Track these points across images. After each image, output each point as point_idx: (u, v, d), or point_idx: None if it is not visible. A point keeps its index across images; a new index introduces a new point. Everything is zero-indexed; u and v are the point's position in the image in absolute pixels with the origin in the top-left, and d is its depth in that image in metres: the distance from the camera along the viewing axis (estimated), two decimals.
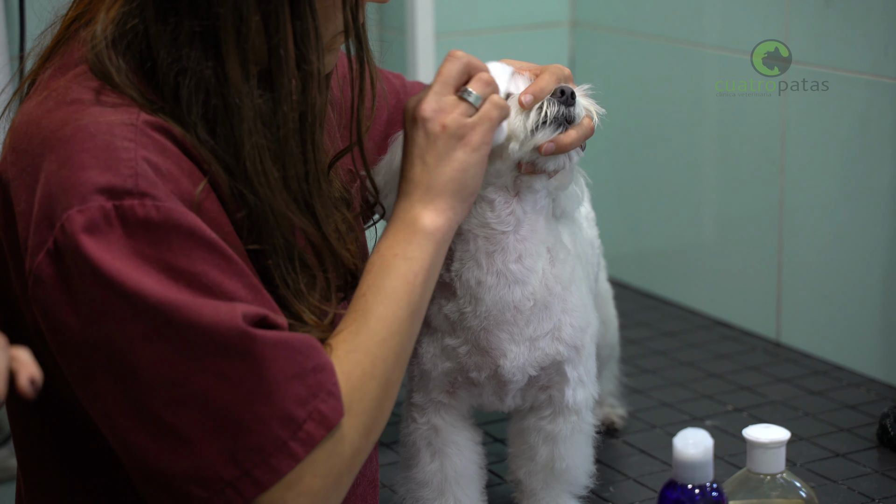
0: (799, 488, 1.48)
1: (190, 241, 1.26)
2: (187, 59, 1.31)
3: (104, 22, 1.34)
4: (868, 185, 2.32)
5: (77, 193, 1.24)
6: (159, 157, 1.28)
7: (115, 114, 1.29)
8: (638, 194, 2.77)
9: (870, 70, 2.27)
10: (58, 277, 1.25)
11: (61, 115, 1.30)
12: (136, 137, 1.27)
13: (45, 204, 1.26)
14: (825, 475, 1.97)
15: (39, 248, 1.26)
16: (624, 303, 2.26)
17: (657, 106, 2.74)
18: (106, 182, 1.24)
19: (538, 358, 1.68)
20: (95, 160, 1.25)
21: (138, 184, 1.25)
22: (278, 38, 1.33)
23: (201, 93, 1.32)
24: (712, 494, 1.31)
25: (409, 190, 1.47)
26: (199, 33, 1.31)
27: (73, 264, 1.24)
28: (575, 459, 1.75)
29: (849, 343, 2.38)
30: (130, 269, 1.23)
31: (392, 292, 1.42)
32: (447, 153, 1.46)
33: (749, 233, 2.57)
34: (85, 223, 1.23)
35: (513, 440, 1.79)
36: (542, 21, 2.89)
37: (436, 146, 1.45)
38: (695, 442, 1.31)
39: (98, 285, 1.23)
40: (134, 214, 1.24)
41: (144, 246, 1.24)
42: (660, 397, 2.28)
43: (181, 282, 1.25)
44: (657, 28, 2.71)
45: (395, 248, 1.44)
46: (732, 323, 2.61)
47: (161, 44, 1.32)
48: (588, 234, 1.88)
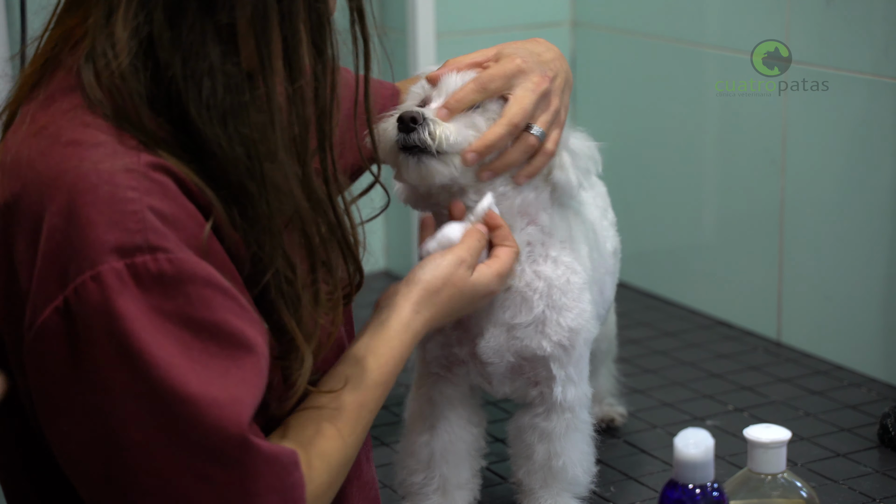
0: (800, 488, 1.48)
1: (206, 289, 1.24)
2: (208, 59, 1.28)
3: (103, 44, 1.29)
4: (868, 185, 2.32)
5: (87, 256, 1.21)
6: (164, 202, 1.25)
7: (116, 158, 1.25)
8: (638, 194, 2.77)
9: (870, 70, 2.27)
10: (64, 338, 1.23)
11: (57, 160, 1.26)
12: (139, 185, 1.24)
13: (51, 260, 1.23)
14: (826, 475, 1.97)
15: (45, 304, 1.23)
16: (624, 303, 2.26)
17: (657, 106, 2.74)
18: (115, 241, 1.21)
19: (517, 347, 1.70)
20: (101, 215, 1.22)
21: (148, 238, 1.22)
22: (295, 25, 1.32)
23: (228, 92, 1.28)
24: (713, 494, 1.31)
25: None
26: (216, 30, 1.28)
27: (85, 329, 1.22)
28: (572, 457, 1.76)
29: (849, 343, 2.38)
30: (148, 331, 1.21)
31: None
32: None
33: (749, 233, 2.57)
34: (99, 288, 1.21)
35: (512, 440, 1.81)
36: (542, 21, 2.89)
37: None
38: (696, 442, 1.31)
39: (111, 354, 1.21)
40: (147, 270, 1.22)
41: (162, 301, 1.22)
42: (660, 397, 2.28)
43: (203, 335, 1.23)
44: (657, 28, 2.71)
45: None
46: (733, 323, 2.61)
47: (175, 50, 1.28)
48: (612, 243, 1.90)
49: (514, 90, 1.66)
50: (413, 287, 1.56)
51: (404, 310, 1.54)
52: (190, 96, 1.28)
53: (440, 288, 1.57)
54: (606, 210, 1.94)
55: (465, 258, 1.60)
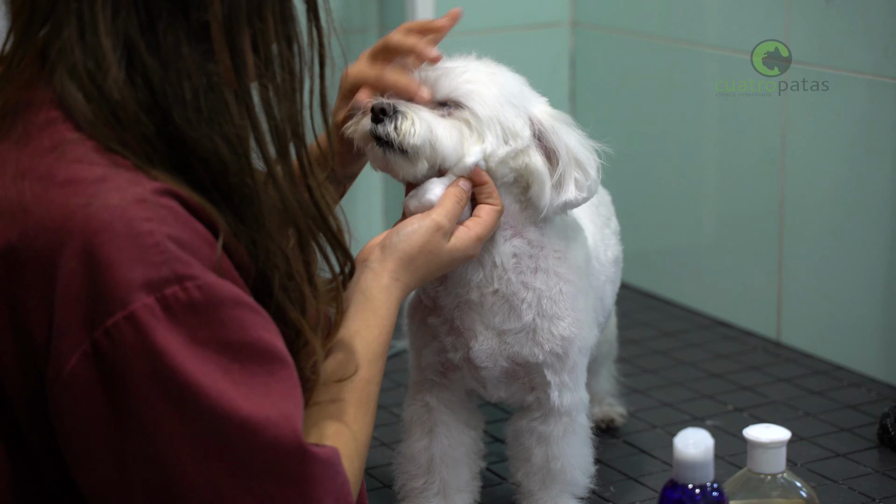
0: (799, 488, 1.48)
1: (237, 310, 1.24)
2: (186, 61, 1.26)
3: (84, 61, 1.25)
4: (868, 185, 2.32)
5: (116, 297, 1.19)
6: (178, 228, 1.22)
7: (122, 191, 1.22)
8: (638, 194, 2.77)
9: (870, 70, 2.27)
10: (99, 384, 1.20)
11: (58, 202, 1.21)
12: (153, 214, 1.21)
13: (73, 306, 1.20)
14: (826, 475, 1.97)
15: (71, 352, 1.20)
16: (624, 303, 2.26)
17: (657, 106, 2.74)
18: (142, 277, 1.19)
19: (509, 352, 1.70)
20: (122, 253, 1.19)
21: (174, 268, 1.20)
22: (264, 18, 1.31)
23: (210, 92, 1.27)
24: (713, 494, 1.31)
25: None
26: (191, 30, 1.27)
27: (123, 372, 1.19)
28: (570, 459, 1.76)
29: (849, 343, 2.38)
30: (191, 362, 1.20)
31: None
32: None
33: (749, 233, 2.57)
34: (134, 328, 1.19)
35: (510, 443, 1.81)
36: (542, 21, 2.89)
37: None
38: (695, 442, 1.31)
39: (156, 393, 1.19)
40: (178, 301, 1.20)
41: (197, 329, 1.21)
42: (660, 397, 2.28)
43: (241, 356, 1.23)
44: (657, 28, 2.71)
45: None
46: (733, 323, 2.61)
47: (153, 56, 1.26)
48: (613, 251, 1.89)
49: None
50: (389, 255, 1.55)
51: (383, 279, 1.54)
52: (172, 101, 1.26)
53: (416, 256, 1.56)
54: (610, 219, 1.93)
55: (442, 224, 1.58)
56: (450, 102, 1.64)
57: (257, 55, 1.31)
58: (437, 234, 1.58)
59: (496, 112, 1.63)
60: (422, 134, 1.60)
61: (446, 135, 1.62)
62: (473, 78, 1.65)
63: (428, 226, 1.58)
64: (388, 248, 1.56)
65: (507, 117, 1.64)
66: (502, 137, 1.64)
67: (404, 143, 1.60)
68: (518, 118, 1.64)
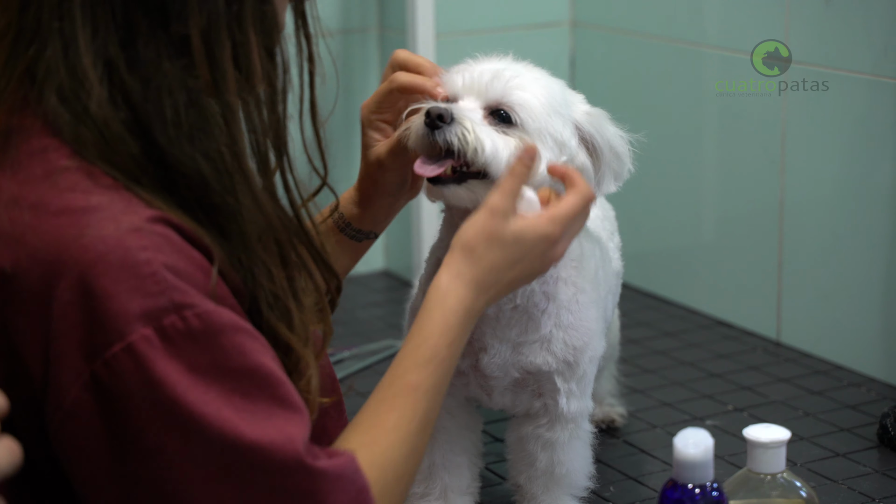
0: (799, 488, 1.48)
1: (236, 336, 1.23)
2: (166, 76, 1.24)
3: (69, 81, 1.23)
4: (868, 185, 2.32)
5: (113, 329, 1.18)
6: (174, 256, 1.21)
7: (117, 220, 1.21)
8: (638, 194, 2.77)
9: (870, 70, 2.27)
10: (100, 415, 1.20)
11: (53, 233, 1.20)
12: (148, 243, 1.20)
13: (70, 338, 1.19)
14: (825, 475, 1.97)
15: (72, 383, 1.19)
16: (624, 302, 2.26)
17: (657, 106, 2.74)
18: (139, 308, 1.18)
19: (522, 362, 1.69)
20: (119, 284, 1.18)
21: (172, 298, 1.19)
22: (245, 30, 1.29)
23: (191, 107, 1.26)
24: (713, 494, 1.31)
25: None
26: (171, 44, 1.25)
27: (123, 402, 1.19)
28: (574, 464, 1.76)
29: (849, 343, 2.38)
30: (192, 391, 1.19)
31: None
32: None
33: (749, 233, 2.57)
34: (133, 359, 1.18)
35: (512, 447, 1.80)
36: (542, 21, 2.89)
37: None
38: (695, 442, 1.31)
39: (157, 422, 1.19)
40: (176, 330, 1.19)
41: (196, 357, 1.20)
42: (660, 397, 2.28)
43: (243, 382, 1.22)
44: (657, 28, 2.71)
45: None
46: (733, 323, 2.61)
47: (133, 72, 1.24)
48: (616, 265, 1.89)
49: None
50: (449, 253, 1.48)
51: (441, 278, 1.46)
52: (154, 118, 1.25)
53: (474, 245, 1.46)
54: (613, 234, 1.94)
55: (496, 205, 1.47)
56: (501, 109, 1.61)
57: (238, 68, 1.29)
58: (495, 216, 1.47)
59: (545, 124, 1.61)
60: (492, 144, 1.57)
61: (507, 156, 1.58)
62: (522, 84, 1.62)
63: (482, 212, 1.48)
64: (449, 247, 1.49)
65: (556, 128, 1.62)
66: (552, 149, 1.62)
67: (476, 159, 1.56)
68: (565, 127, 1.63)
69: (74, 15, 1.24)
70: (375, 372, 2.38)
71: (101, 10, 1.24)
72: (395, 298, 2.69)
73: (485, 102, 1.62)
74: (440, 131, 1.57)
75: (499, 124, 1.61)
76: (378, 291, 2.80)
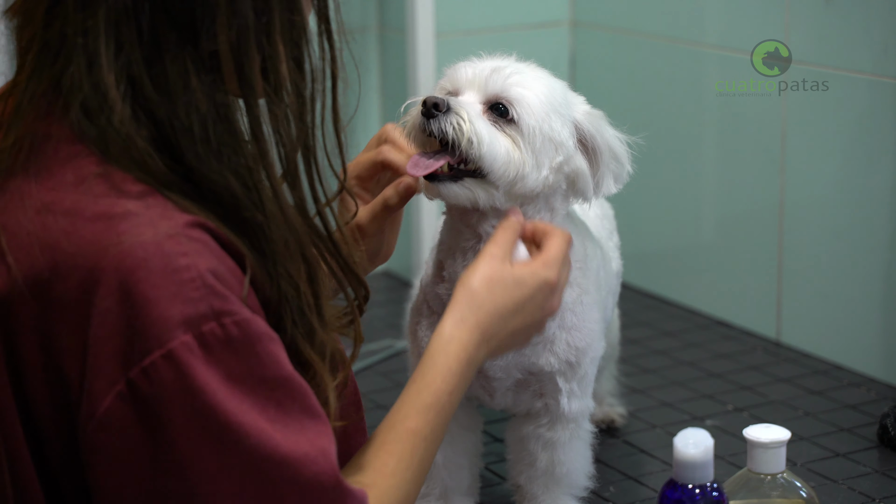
0: (799, 488, 1.48)
1: (272, 345, 1.22)
2: (193, 93, 1.23)
3: (93, 97, 1.22)
4: (868, 185, 2.32)
5: (153, 336, 1.17)
6: (212, 261, 1.20)
7: (154, 226, 1.19)
8: (638, 194, 2.76)
9: (870, 70, 2.27)
10: (135, 424, 1.18)
11: (89, 238, 1.19)
12: (188, 249, 1.19)
13: (108, 344, 1.18)
14: (825, 475, 1.97)
15: (106, 391, 1.18)
16: (624, 302, 2.26)
17: (657, 106, 2.74)
18: (180, 314, 1.17)
19: (524, 363, 1.69)
20: (159, 290, 1.17)
21: (212, 304, 1.18)
22: (274, 41, 1.27)
23: (219, 124, 1.24)
24: (713, 494, 1.31)
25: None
26: (199, 60, 1.24)
27: (161, 411, 1.17)
28: (574, 464, 1.76)
29: (849, 343, 2.38)
30: (230, 400, 1.18)
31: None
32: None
33: (749, 233, 2.57)
34: (173, 366, 1.17)
35: (512, 447, 1.80)
36: (542, 21, 2.89)
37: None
38: (695, 442, 1.31)
39: (195, 431, 1.18)
40: (215, 337, 1.18)
41: (234, 365, 1.19)
42: (660, 397, 2.28)
43: (278, 392, 1.21)
44: (657, 28, 2.71)
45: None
46: (733, 322, 2.61)
47: (159, 89, 1.23)
48: (615, 265, 1.89)
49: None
50: (452, 300, 1.49)
51: (445, 324, 1.47)
52: (181, 135, 1.23)
53: (476, 289, 1.48)
54: (613, 233, 1.94)
55: (493, 252, 1.50)
56: (500, 104, 1.61)
57: (267, 80, 1.28)
58: (495, 260, 1.50)
59: (543, 122, 1.61)
60: (490, 138, 1.57)
61: (503, 152, 1.59)
62: (522, 81, 1.62)
63: (481, 260, 1.50)
64: (451, 298, 1.50)
65: (554, 127, 1.62)
66: (548, 149, 1.62)
67: (471, 151, 1.56)
68: (564, 128, 1.63)
69: (98, 31, 1.22)
70: (375, 372, 2.38)
71: (125, 26, 1.22)
72: (395, 298, 2.69)
73: (484, 97, 1.62)
74: (435, 120, 1.56)
75: (497, 120, 1.60)
76: (378, 291, 2.80)
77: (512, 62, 1.66)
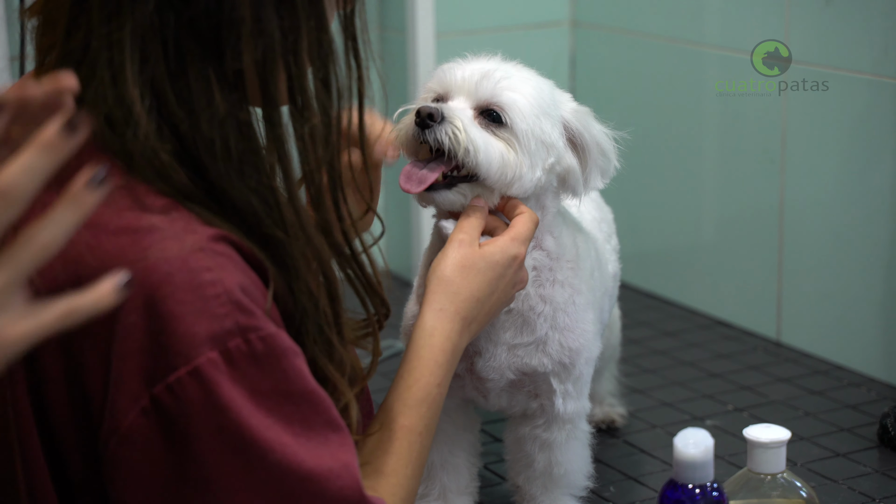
0: (799, 488, 1.48)
1: (297, 359, 1.21)
2: (217, 110, 1.21)
3: (117, 109, 1.20)
4: (868, 185, 2.32)
5: (179, 352, 1.16)
6: (238, 275, 1.19)
7: (179, 240, 1.18)
8: (638, 194, 2.77)
9: (870, 70, 2.27)
10: (159, 440, 1.17)
11: (114, 253, 1.17)
12: (213, 264, 1.17)
13: (132, 359, 1.17)
14: (826, 475, 1.97)
15: (130, 406, 1.17)
16: (624, 302, 2.26)
17: (657, 106, 2.74)
18: (206, 331, 1.16)
19: (517, 364, 1.69)
20: (185, 306, 1.16)
21: (237, 321, 1.17)
22: (301, 61, 1.25)
23: (242, 141, 1.23)
24: (713, 494, 1.31)
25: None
26: (222, 77, 1.22)
27: (186, 427, 1.17)
28: (572, 465, 1.76)
29: (849, 343, 2.38)
30: (255, 416, 1.18)
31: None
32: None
33: (749, 233, 2.57)
34: (199, 383, 1.16)
35: (510, 448, 1.80)
36: (542, 21, 2.89)
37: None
38: (695, 442, 1.31)
39: (220, 447, 1.17)
40: (241, 353, 1.17)
41: (259, 380, 1.18)
42: (660, 397, 2.28)
43: (303, 406, 1.20)
44: (657, 28, 2.71)
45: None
46: (733, 323, 2.61)
47: (182, 104, 1.21)
48: (613, 267, 1.89)
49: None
50: (427, 290, 1.51)
51: (425, 316, 1.49)
52: (203, 151, 1.22)
53: (450, 277, 1.51)
54: (611, 236, 1.94)
55: (461, 238, 1.54)
56: (492, 109, 1.61)
57: (293, 101, 1.26)
58: (463, 246, 1.53)
59: (534, 125, 1.61)
60: (485, 145, 1.58)
61: (498, 157, 1.59)
62: (512, 85, 1.62)
63: (449, 246, 1.53)
64: (426, 287, 1.53)
65: (545, 129, 1.62)
66: (539, 151, 1.62)
67: (467, 159, 1.56)
68: (553, 128, 1.64)
69: (124, 45, 1.21)
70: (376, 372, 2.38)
71: (151, 40, 1.21)
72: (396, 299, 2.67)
73: (475, 102, 1.62)
74: (430, 130, 1.56)
75: (489, 125, 1.61)
76: None
77: (499, 64, 1.65)
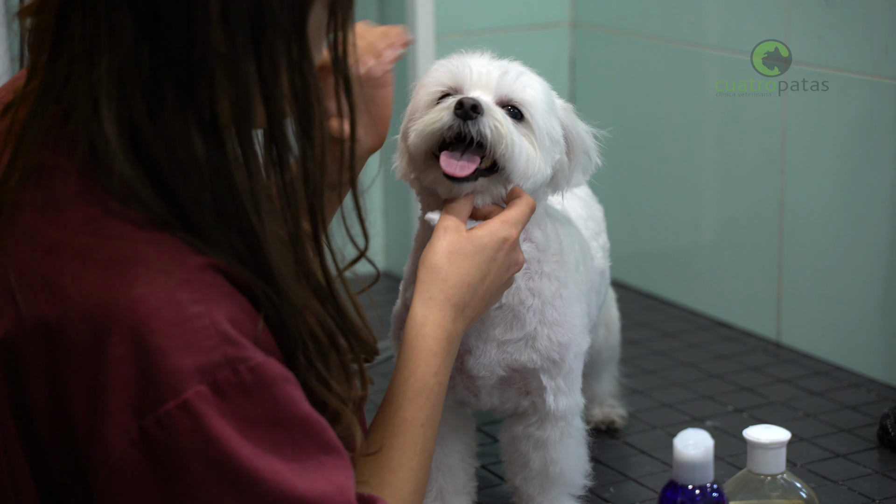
0: (799, 489, 1.48)
1: (287, 386, 1.21)
2: (193, 151, 1.20)
3: (96, 138, 1.19)
4: (868, 185, 2.32)
5: (167, 386, 1.15)
6: (226, 305, 1.19)
7: (167, 272, 1.18)
8: (638, 194, 2.77)
9: (870, 70, 2.27)
10: (150, 471, 1.17)
11: (101, 285, 1.17)
12: (200, 296, 1.17)
13: (120, 393, 1.16)
14: (825, 476, 1.97)
15: (120, 439, 1.17)
16: (624, 303, 2.26)
17: (657, 106, 2.74)
18: (193, 364, 1.16)
19: (507, 361, 1.69)
20: (172, 340, 1.16)
21: (226, 352, 1.17)
22: (279, 106, 1.23)
23: (216, 182, 1.20)
24: (713, 495, 1.31)
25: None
26: (199, 119, 1.20)
27: (176, 459, 1.17)
28: (568, 463, 1.76)
29: (849, 344, 2.38)
30: (245, 446, 1.17)
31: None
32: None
33: (749, 233, 2.57)
34: (188, 416, 1.16)
35: (505, 448, 1.80)
36: (542, 21, 2.89)
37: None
38: (695, 442, 1.31)
39: (211, 479, 1.17)
40: (229, 384, 1.17)
41: (248, 410, 1.18)
42: (660, 398, 2.28)
43: (294, 432, 1.20)
44: (657, 28, 2.71)
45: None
46: (733, 323, 2.61)
47: (158, 140, 1.19)
48: (599, 263, 1.88)
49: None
50: (417, 280, 1.51)
51: (415, 307, 1.49)
52: (180, 189, 1.20)
53: (438, 264, 1.50)
54: (599, 234, 1.94)
55: (447, 225, 1.53)
56: (512, 104, 1.62)
57: (274, 142, 1.24)
58: (449, 232, 1.52)
59: (547, 121, 1.64)
60: (520, 141, 1.59)
61: (526, 152, 1.61)
62: (529, 82, 1.65)
63: (436, 235, 1.53)
64: (417, 272, 1.53)
65: (553, 125, 1.65)
66: (550, 146, 1.65)
67: (505, 152, 1.57)
68: (557, 125, 1.67)
69: (100, 82, 1.19)
70: (375, 373, 2.37)
71: (129, 76, 1.19)
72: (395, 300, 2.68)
73: (496, 97, 1.63)
74: (474, 122, 1.56)
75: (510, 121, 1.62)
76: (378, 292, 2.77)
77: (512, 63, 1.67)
